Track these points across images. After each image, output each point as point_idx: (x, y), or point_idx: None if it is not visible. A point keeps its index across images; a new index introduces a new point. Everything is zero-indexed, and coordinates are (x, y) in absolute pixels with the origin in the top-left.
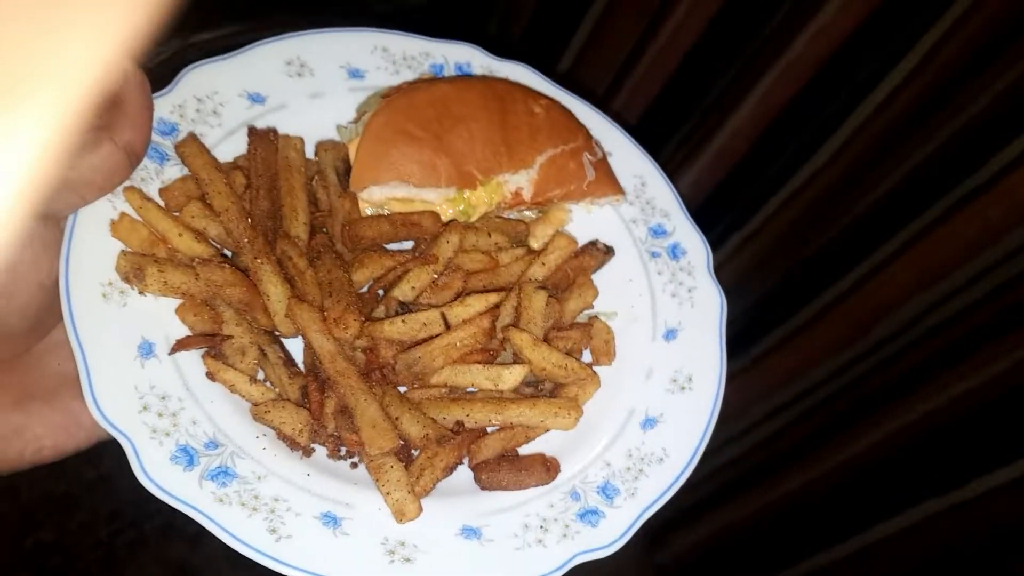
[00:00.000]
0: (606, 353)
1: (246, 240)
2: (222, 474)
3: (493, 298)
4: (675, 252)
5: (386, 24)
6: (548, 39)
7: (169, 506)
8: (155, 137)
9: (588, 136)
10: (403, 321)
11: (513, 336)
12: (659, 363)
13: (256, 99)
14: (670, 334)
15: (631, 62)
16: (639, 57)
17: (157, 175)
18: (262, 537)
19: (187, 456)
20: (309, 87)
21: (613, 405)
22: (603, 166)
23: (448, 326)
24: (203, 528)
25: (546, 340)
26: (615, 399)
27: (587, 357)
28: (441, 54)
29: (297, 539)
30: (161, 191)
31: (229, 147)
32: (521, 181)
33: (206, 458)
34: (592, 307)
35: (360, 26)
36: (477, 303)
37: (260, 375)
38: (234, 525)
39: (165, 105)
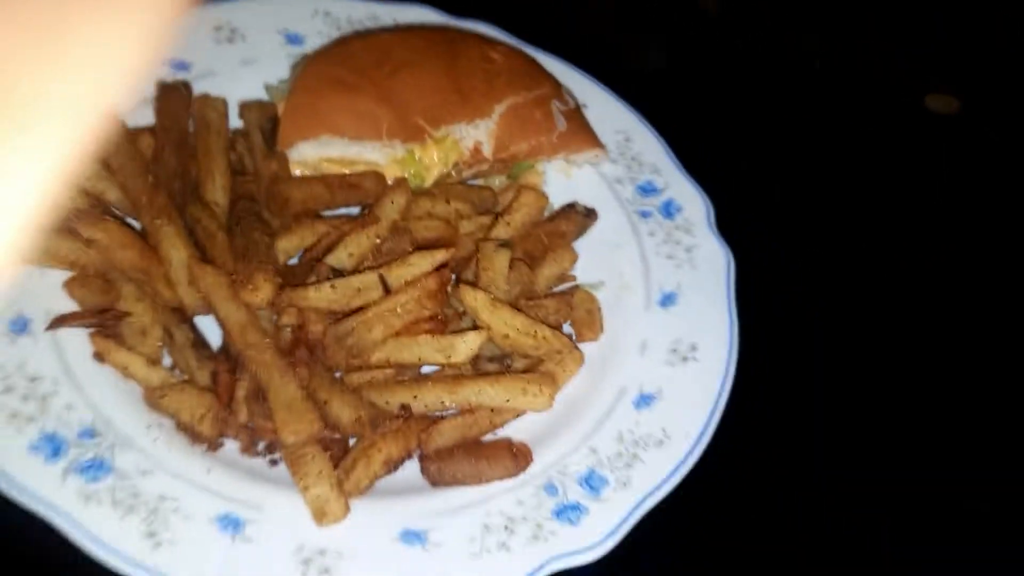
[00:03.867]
0: (590, 325)
1: (144, 199)
2: (94, 467)
3: (441, 255)
4: (669, 210)
5: None
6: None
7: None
8: None
9: (557, 84)
10: (332, 286)
11: (466, 295)
12: (655, 333)
13: (180, 66)
14: (667, 300)
15: None
16: None
17: None
18: (135, 542)
19: (51, 445)
20: (241, 53)
21: (600, 384)
22: (576, 117)
23: (388, 291)
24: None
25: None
26: (603, 377)
27: (569, 334)
28: (390, 16)
29: (181, 545)
30: None
31: (145, 116)
32: (479, 135)
33: (77, 449)
34: (574, 278)
35: None
36: (422, 261)
37: (168, 362)
38: (99, 527)
39: None
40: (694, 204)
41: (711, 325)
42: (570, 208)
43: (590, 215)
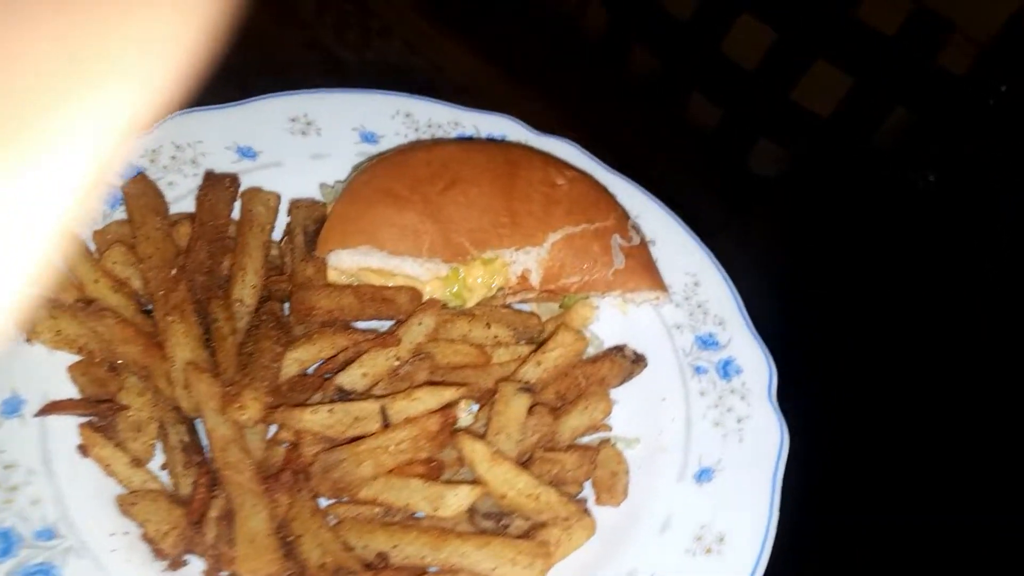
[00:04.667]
0: (611, 489)
1: (162, 293)
2: (40, 574)
3: (449, 394)
4: (727, 370)
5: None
6: None
7: None
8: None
9: (623, 217)
10: (330, 411)
11: (464, 445)
12: (682, 512)
13: (246, 153)
14: (703, 474)
15: None
16: None
17: (104, 219)
18: None
19: (4, 542)
20: (313, 147)
21: (608, 562)
22: (639, 254)
23: (387, 424)
24: None
25: (528, 461)
26: (614, 555)
27: (589, 493)
28: (472, 124)
29: None
30: (94, 233)
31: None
32: (529, 262)
33: (29, 550)
34: (607, 428)
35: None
36: (429, 398)
37: (159, 461)
38: None
39: (137, 148)
40: (756, 368)
41: (746, 516)
42: (617, 351)
43: (638, 361)
